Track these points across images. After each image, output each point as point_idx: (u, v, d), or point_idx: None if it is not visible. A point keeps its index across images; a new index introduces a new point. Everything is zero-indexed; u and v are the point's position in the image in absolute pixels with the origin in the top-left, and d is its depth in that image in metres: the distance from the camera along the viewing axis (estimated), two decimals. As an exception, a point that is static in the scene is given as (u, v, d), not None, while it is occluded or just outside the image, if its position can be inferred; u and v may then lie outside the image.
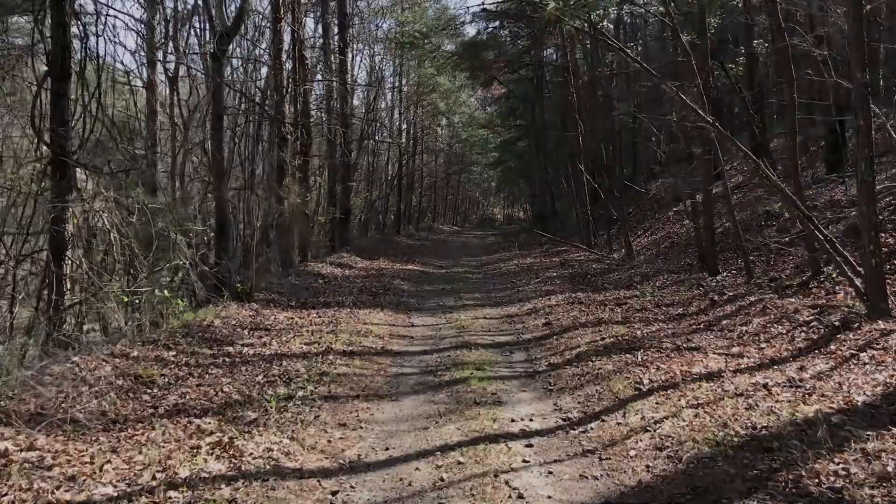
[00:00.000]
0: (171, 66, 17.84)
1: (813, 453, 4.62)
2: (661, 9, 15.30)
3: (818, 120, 16.48)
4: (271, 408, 5.97)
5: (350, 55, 30.13)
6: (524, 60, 29.19)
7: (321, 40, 21.35)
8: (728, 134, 10.31)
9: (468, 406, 6.43)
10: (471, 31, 53.63)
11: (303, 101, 17.34)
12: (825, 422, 5.16)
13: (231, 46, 17.18)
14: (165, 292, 7.65)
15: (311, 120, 18.23)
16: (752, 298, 10.81)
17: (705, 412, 5.84)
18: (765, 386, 6.42)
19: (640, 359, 8.05)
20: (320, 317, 10.91)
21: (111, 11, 34.31)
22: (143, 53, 17.89)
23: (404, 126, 38.16)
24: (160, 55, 18.35)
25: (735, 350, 8.30)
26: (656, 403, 6.24)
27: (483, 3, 21.73)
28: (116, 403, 5.70)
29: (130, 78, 15.97)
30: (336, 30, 21.70)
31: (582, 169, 23.46)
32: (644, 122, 26.20)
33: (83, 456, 4.60)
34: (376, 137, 31.33)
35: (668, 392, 6.50)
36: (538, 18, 26.38)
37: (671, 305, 11.73)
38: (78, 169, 7.83)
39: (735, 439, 5.16)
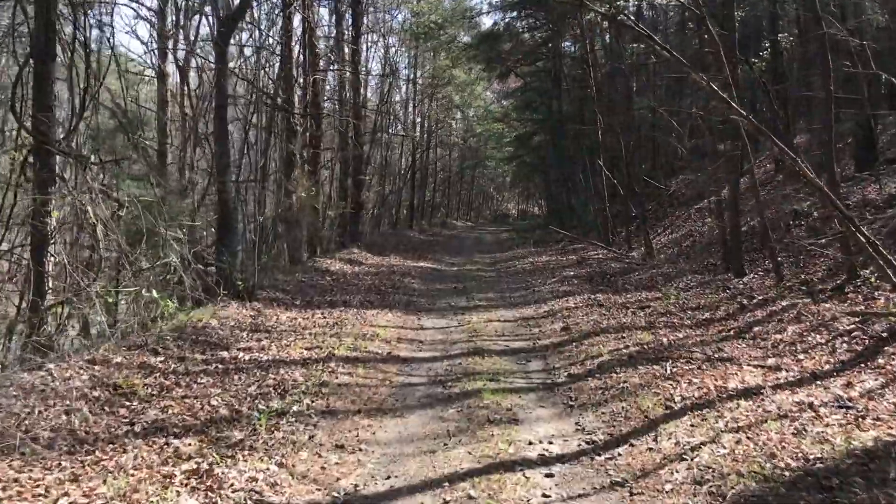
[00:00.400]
0: (182, 55, 17.29)
1: (884, 497, 3.93)
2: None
3: (847, 114, 15.68)
4: (261, 426, 5.34)
5: (364, 46, 29.55)
6: (542, 52, 28.39)
7: (333, 29, 20.70)
8: (762, 128, 9.57)
9: (481, 425, 5.77)
10: (487, 22, 52.92)
11: (313, 92, 16.71)
12: (891, 455, 4.48)
13: (240, 35, 16.61)
14: (154, 292, 7.05)
15: (322, 111, 17.60)
16: (784, 303, 10.09)
17: (748, 438, 5.16)
18: (810, 406, 5.74)
19: (668, 371, 7.37)
20: (325, 317, 10.28)
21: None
22: (150, 42, 17.42)
23: (418, 119, 37.51)
24: (170, 44, 17.84)
25: (771, 362, 7.60)
26: (691, 425, 5.56)
27: None
28: (88, 420, 5.09)
29: (129, 65, 15.39)
30: (350, 19, 21.08)
31: (601, 164, 22.72)
32: (664, 117, 25.41)
33: (37, 486, 3.99)
34: (390, 130, 30.66)
35: (703, 412, 5.82)
36: (557, 6, 25.66)
37: (697, 309, 11.02)
38: (65, 157, 7.24)
39: (786, 473, 4.48)
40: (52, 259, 6.86)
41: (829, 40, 11.78)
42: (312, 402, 6.17)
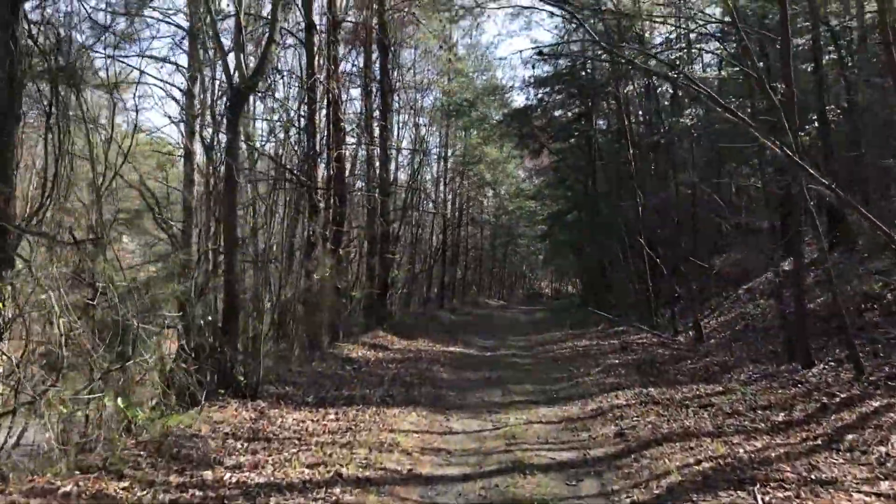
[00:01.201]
0: (208, 133, 16.49)
1: None
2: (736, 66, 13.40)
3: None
4: None
5: (393, 123, 28.92)
6: (575, 128, 27.42)
7: (360, 104, 19.91)
8: (849, 199, 8.15)
9: None
10: (519, 99, 52.57)
11: (337, 168, 15.69)
12: None
13: (259, 106, 15.77)
14: (119, 400, 5.73)
15: (347, 187, 16.56)
16: (876, 404, 8.45)
17: None
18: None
19: (760, 501, 5.77)
20: (338, 419, 8.80)
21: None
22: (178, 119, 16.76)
23: (449, 196, 36.56)
24: (197, 122, 17.12)
25: (885, 486, 5.99)
26: None
27: (538, 48, 20.00)
28: None
29: (127, 138, 14.55)
30: (378, 96, 20.26)
31: (641, 241, 21.31)
32: (706, 192, 24.04)
33: None
34: (420, 208, 29.66)
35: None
36: (588, 84, 24.84)
37: (769, 408, 9.37)
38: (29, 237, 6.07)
39: None
40: (3, 358, 5.60)
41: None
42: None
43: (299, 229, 14.77)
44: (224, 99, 14.93)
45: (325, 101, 15.00)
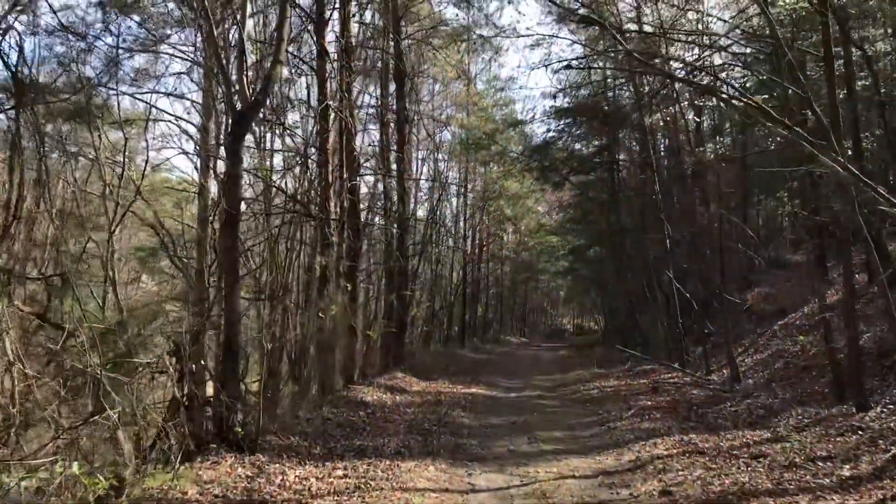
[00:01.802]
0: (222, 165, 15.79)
1: None
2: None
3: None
4: None
5: (411, 157, 28.21)
6: (597, 161, 26.47)
7: (376, 135, 19.14)
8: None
9: None
10: (539, 130, 51.64)
11: (350, 200, 14.84)
12: None
13: (277, 142, 15.05)
14: (75, 466, 4.77)
15: (361, 221, 15.69)
16: (955, 453, 7.32)
17: None
18: None
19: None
20: (347, 475, 7.77)
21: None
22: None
23: (469, 233, 35.61)
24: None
25: None
26: None
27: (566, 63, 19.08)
28: None
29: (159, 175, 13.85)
30: (394, 127, 19.50)
31: (670, 275, 20.20)
32: (737, 224, 22.96)
33: None
34: (440, 244, 28.77)
35: None
36: (611, 117, 24.00)
37: (830, 459, 8.23)
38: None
39: None
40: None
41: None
42: None
43: (310, 264, 13.88)
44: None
45: (339, 129, 14.20)
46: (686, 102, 21.08)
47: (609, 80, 23.92)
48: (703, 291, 19.75)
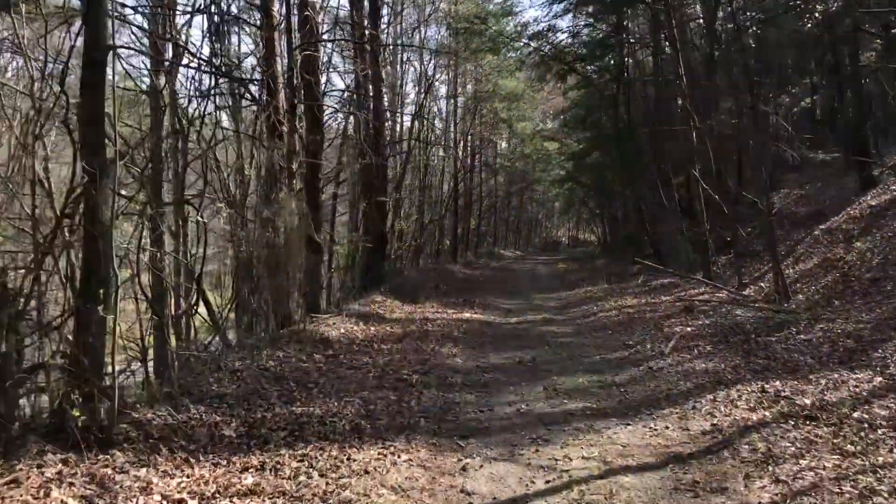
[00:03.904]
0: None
1: None
2: None
3: None
4: None
5: (396, 56, 24.23)
6: (607, 42, 22.33)
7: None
8: None
9: None
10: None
11: (307, 73, 11.21)
12: None
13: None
14: None
15: (321, 101, 12.03)
16: None
17: None
18: None
19: None
20: (262, 481, 4.56)
21: None
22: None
23: (460, 139, 31.73)
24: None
25: None
26: None
27: None
28: None
29: None
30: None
31: (696, 174, 16.77)
32: (772, 114, 19.39)
33: None
34: (427, 148, 25.02)
35: None
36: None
37: None
38: None
39: None
40: None
41: None
42: None
43: (255, 161, 10.37)
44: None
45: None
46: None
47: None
48: (734, 192, 16.41)
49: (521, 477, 4.93)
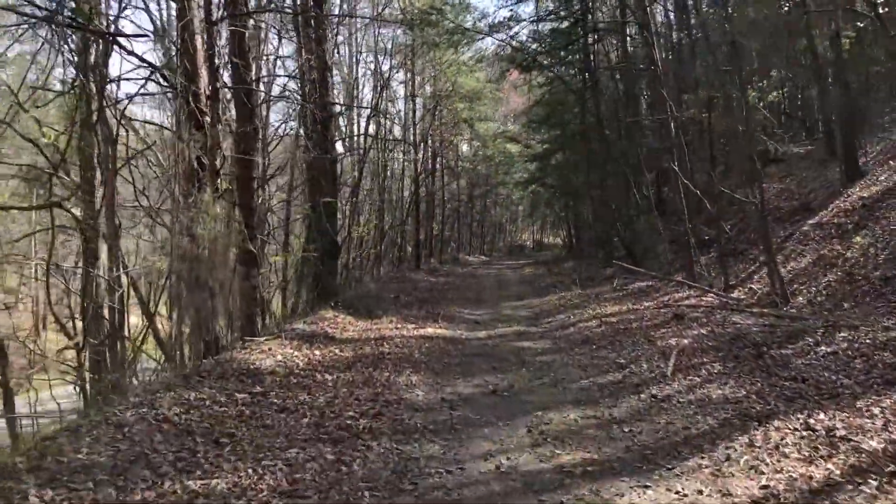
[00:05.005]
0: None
1: None
2: None
3: None
4: None
5: (352, 55, 22.47)
6: (572, 33, 20.80)
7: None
8: None
9: None
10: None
11: (233, 60, 9.37)
12: None
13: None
14: None
15: (252, 85, 10.16)
16: None
17: None
18: None
19: None
20: None
21: None
22: None
23: (420, 141, 30.01)
24: None
25: None
26: None
27: None
28: None
29: None
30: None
31: (676, 169, 15.30)
32: (756, 106, 18.05)
33: None
34: (385, 149, 23.26)
35: None
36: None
37: None
38: None
39: None
40: None
41: None
42: None
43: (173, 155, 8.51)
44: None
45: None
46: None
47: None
48: (717, 186, 14.98)
49: None
